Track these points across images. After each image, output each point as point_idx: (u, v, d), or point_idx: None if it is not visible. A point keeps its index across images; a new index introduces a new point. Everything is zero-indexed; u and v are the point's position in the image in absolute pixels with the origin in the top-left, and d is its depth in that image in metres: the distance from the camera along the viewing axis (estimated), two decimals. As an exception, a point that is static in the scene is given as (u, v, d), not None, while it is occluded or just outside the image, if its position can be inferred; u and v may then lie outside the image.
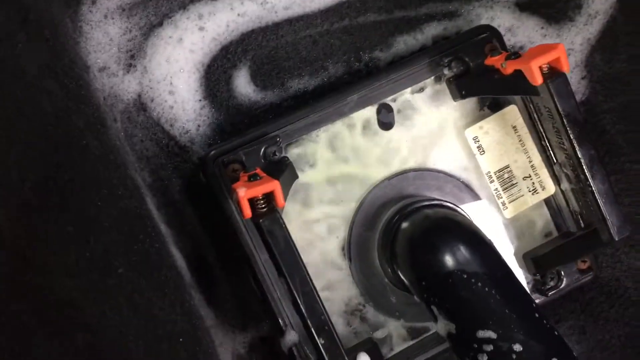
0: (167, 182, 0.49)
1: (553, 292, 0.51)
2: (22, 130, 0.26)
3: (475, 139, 0.50)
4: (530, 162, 0.51)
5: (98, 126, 0.37)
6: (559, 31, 0.53)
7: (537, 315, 0.41)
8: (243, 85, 0.50)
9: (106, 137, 0.38)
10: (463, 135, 0.50)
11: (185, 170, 0.49)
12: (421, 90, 0.50)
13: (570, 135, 0.42)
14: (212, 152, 0.46)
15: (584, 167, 0.43)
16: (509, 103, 0.50)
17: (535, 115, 0.48)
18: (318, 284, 0.49)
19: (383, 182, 0.50)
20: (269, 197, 0.40)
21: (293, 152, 0.48)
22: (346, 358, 0.40)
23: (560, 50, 0.42)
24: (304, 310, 0.40)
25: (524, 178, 0.51)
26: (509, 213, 0.51)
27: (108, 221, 0.32)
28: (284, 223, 0.40)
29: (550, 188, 0.51)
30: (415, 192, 0.50)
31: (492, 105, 0.51)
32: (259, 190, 0.39)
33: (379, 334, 0.50)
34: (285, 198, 0.46)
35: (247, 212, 0.39)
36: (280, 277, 0.41)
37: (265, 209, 0.40)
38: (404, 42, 0.52)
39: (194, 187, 0.50)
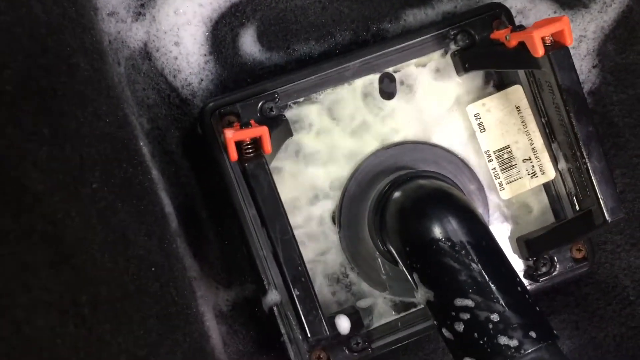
0: (165, 132, 0.49)
1: (545, 278, 0.49)
2: (8, 18, 0.26)
3: (477, 116, 0.50)
4: (531, 144, 0.50)
5: (94, 55, 0.38)
6: (572, 17, 0.52)
7: (518, 288, 0.40)
8: (249, 44, 0.50)
9: (102, 67, 0.39)
10: (465, 111, 0.50)
11: (184, 123, 0.50)
12: (426, 63, 0.49)
13: (568, 110, 0.42)
14: (211, 104, 0.46)
15: (580, 143, 0.42)
16: (514, 83, 0.49)
17: (536, 91, 0.47)
18: (305, 248, 0.49)
19: (379, 151, 0.49)
20: (257, 142, 0.40)
21: (291, 113, 0.48)
22: (320, 310, 0.40)
23: (565, 22, 0.41)
24: (281, 259, 0.40)
25: (524, 160, 0.50)
26: (505, 194, 0.50)
27: (89, 139, 0.33)
28: (269, 170, 0.40)
29: (550, 173, 0.50)
30: (411, 164, 0.49)
31: (497, 85, 0.50)
32: (246, 133, 0.40)
33: (362, 304, 0.49)
34: (275, 152, 0.46)
35: (234, 154, 0.40)
36: (262, 225, 0.41)
37: (252, 154, 0.40)
38: (414, 16, 0.52)
39: (192, 141, 0.50)
